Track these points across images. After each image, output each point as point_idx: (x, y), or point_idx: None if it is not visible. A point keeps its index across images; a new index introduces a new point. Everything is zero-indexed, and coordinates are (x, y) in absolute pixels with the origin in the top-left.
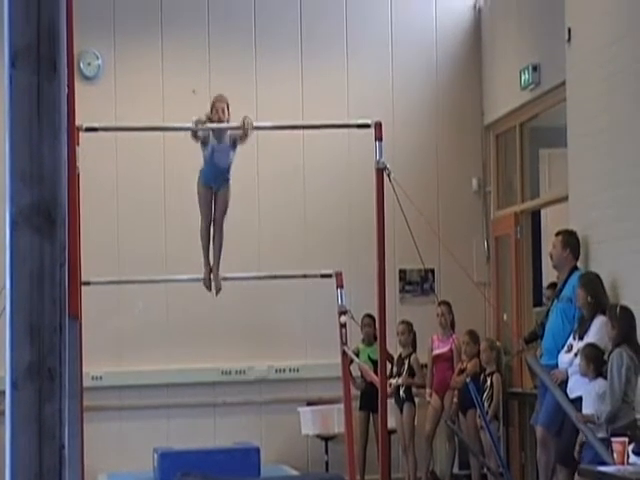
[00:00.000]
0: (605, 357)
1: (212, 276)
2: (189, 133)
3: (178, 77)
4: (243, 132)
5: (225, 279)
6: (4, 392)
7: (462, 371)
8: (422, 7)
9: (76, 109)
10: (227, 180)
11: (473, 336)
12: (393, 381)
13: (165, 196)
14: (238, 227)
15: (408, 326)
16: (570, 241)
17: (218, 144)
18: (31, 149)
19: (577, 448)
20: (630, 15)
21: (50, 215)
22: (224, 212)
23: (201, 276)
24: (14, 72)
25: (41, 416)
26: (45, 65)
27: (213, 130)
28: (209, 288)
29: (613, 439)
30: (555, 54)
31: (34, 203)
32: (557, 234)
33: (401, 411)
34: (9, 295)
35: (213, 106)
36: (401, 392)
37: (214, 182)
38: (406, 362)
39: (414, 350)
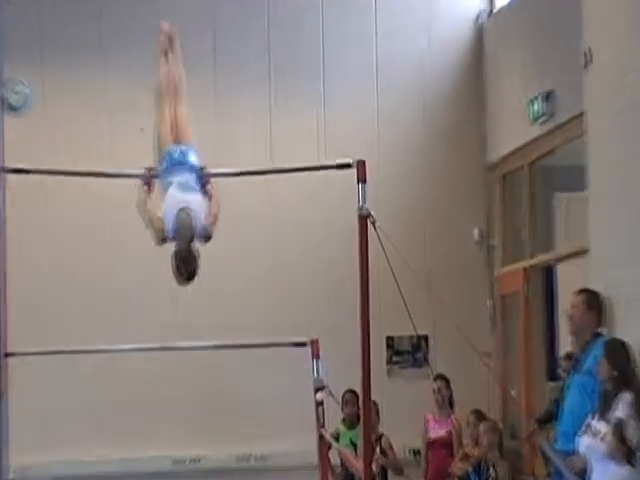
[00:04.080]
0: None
1: None
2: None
3: (125, 115)
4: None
5: (178, 349)
6: None
7: (466, 456)
8: (415, 25)
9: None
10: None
11: (480, 416)
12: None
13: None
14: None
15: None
16: (595, 302)
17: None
18: None
19: None
20: None
21: None
22: None
23: (140, 346)
24: None
25: None
26: None
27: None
28: None
29: None
30: (571, 81)
31: None
32: (579, 292)
33: None
34: None
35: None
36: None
37: None
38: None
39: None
